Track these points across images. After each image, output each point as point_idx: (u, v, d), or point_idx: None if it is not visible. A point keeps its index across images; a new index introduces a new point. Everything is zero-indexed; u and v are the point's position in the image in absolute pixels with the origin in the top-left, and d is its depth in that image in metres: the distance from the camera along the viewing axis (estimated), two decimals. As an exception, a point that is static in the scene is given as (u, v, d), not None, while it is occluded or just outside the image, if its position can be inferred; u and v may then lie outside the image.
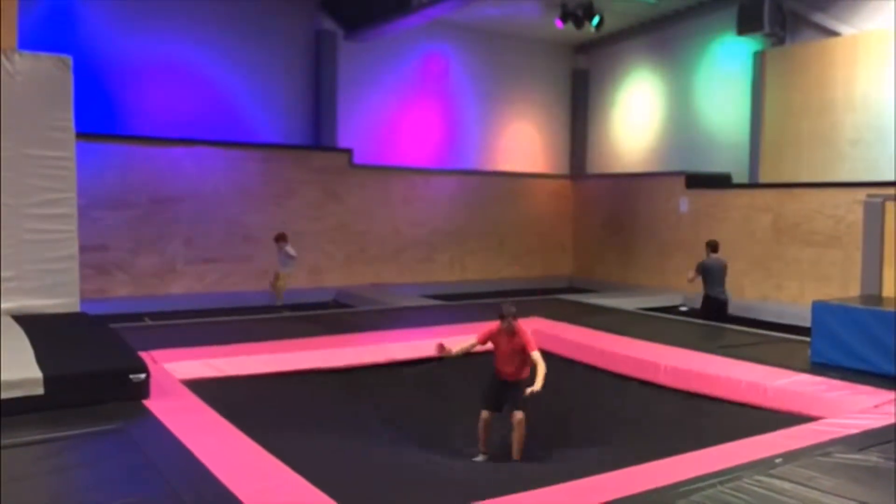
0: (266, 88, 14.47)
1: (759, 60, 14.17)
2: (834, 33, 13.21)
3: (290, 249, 11.06)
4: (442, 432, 5.45)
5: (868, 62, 12.54)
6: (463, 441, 5.33)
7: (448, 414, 6.10)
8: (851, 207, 11.73)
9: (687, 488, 3.80)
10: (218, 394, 5.82)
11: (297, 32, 14.83)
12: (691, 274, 9.95)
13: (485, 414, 5.60)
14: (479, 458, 5.48)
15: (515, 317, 5.73)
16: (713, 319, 9.51)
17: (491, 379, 5.80)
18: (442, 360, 5.78)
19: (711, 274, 9.72)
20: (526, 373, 5.74)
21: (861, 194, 9.35)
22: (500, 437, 5.65)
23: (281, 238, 11.13)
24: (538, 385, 5.35)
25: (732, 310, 13.05)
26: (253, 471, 3.99)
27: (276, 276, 11.17)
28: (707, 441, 4.75)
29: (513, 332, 5.65)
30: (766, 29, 13.51)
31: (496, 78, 17.22)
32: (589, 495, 3.74)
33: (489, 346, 5.90)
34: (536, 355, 5.64)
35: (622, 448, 5.03)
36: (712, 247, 10.02)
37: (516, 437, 5.38)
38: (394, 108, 15.99)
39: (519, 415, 5.43)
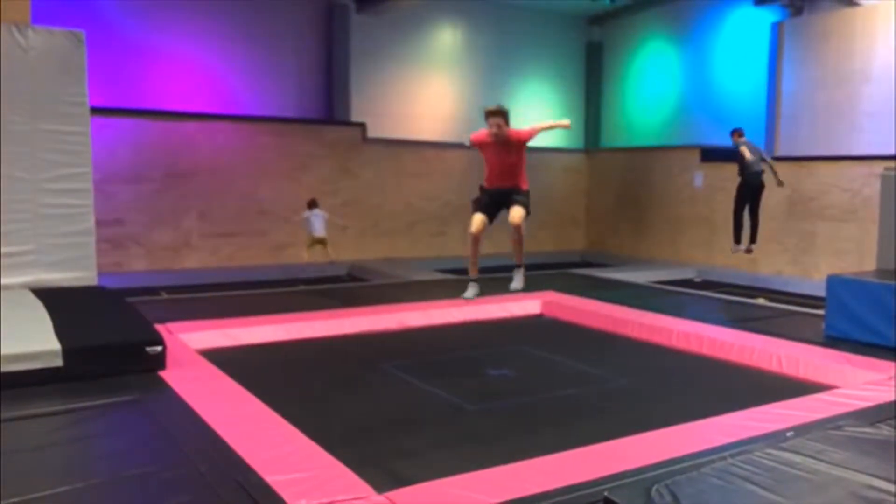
0: (279, 63, 14.45)
1: (777, 31, 13.98)
2: (853, 3, 12.99)
3: (322, 213, 11.11)
4: (457, 392, 5.50)
5: (888, 33, 12.35)
6: (475, 401, 5.38)
7: (462, 374, 6.15)
8: (868, 181, 11.63)
9: (697, 461, 3.83)
10: (234, 362, 5.90)
11: (310, 6, 14.76)
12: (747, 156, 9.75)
13: (477, 221, 4.60)
14: (470, 290, 4.60)
15: (500, 116, 4.70)
16: (751, 197, 9.51)
17: (482, 194, 4.92)
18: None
19: (751, 150, 9.66)
20: (518, 181, 4.85)
21: (878, 167, 9.25)
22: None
23: (313, 204, 11.18)
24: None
25: (747, 283, 13.07)
26: (268, 439, 4.05)
27: (320, 242, 11.19)
28: (717, 410, 4.77)
29: (504, 142, 4.73)
30: (785, -1, 13.33)
31: (509, 51, 17.09)
32: (594, 465, 3.77)
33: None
34: (532, 129, 4.69)
35: (628, 415, 5.06)
36: (739, 133, 9.96)
37: (516, 242, 4.55)
38: (407, 81, 15.92)
39: (516, 215, 4.55)
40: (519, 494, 3.41)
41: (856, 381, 5.61)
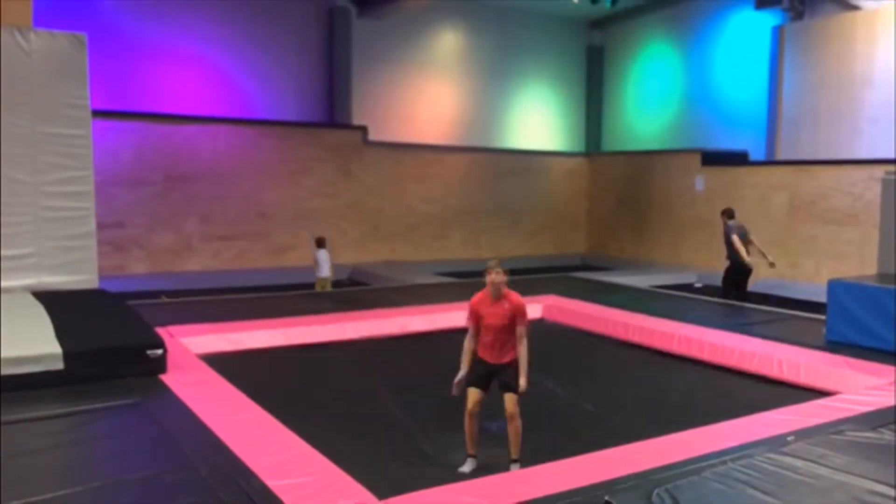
0: (280, 66, 14.46)
1: (778, 36, 13.99)
2: (854, 7, 13.01)
3: (322, 255, 11.04)
4: (456, 398, 5.50)
5: (888, 37, 12.36)
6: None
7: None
8: (869, 185, 11.62)
9: (699, 465, 3.82)
10: (234, 367, 5.89)
11: (311, 10, 14.78)
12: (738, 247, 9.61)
13: (472, 397, 4.68)
14: (467, 465, 4.53)
15: (501, 273, 4.79)
16: (735, 286, 9.47)
17: (475, 362, 4.88)
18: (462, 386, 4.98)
19: (738, 234, 9.63)
20: (513, 355, 4.87)
21: (879, 171, 9.25)
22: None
23: (322, 243, 11.14)
24: (524, 379, 4.64)
25: (748, 287, 13.05)
26: (267, 443, 4.05)
27: (325, 282, 11.19)
28: (720, 415, 4.77)
29: (500, 296, 4.77)
30: (785, 3, 13.35)
31: (510, 54, 17.11)
32: (595, 470, 3.76)
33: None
34: (524, 331, 4.85)
35: (629, 420, 5.06)
36: (728, 214, 9.91)
37: (512, 433, 4.52)
38: (408, 85, 15.94)
39: (511, 406, 4.61)
40: (521, 499, 3.41)
41: (857, 386, 5.60)
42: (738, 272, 9.64)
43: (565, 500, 3.42)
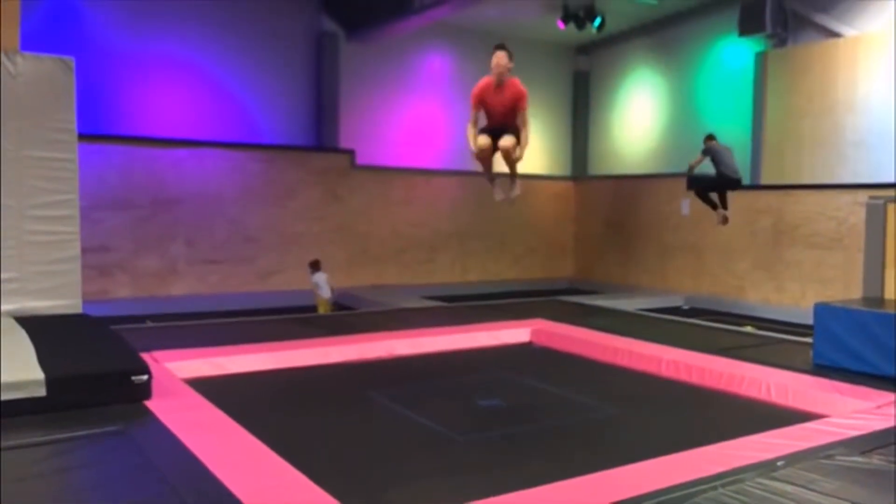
0: (268, 89, 14.49)
1: (761, 61, 14.17)
2: (836, 34, 13.21)
3: (319, 279, 11.02)
4: (445, 424, 5.46)
5: (870, 64, 12.54)
6: (465, 431, 5.34)
7: (452, 404, 6.11)
8: (853, 209, 11.73)
9: (687, 491, 3.80)
10: (221, 391, 5.82)
11: (299, 33, 14.85)
12: (693, 161, 9.93)
13: (482, 140, 5.38)
14: (497, 192, 5.33)
15: (506, 52, 5.38)
16: (723, 190, 9.59)
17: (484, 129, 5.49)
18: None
19: (720, 155, 9.70)
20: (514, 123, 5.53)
21: (863, 196, 9.35)
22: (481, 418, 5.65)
23: (317, 266, 11.14)
24: (520, 149, 5.13)
25: (734, 310, 13.13)
26: (255, 470, 3.99)
27: (322, 307, 11.18)
28: (708, 438, 4.75)
29: (502, 84, 5.36)
30: (768, 30, 13.51)
31: (498, 79, 17.21)
32: (583, 496, 3.73)
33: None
34: (525, 116, 5.47)
35: (618, 444, 5.03)
36: (711, 136, 10.05)
37: (510, 163, 5.34)
38: (395, 109, 16.00)
39: (509, 142, 5.28)
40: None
41: (845, 410, 5.61)
42: (725, 180, 9.71)
43: (555, 528, 3.39)
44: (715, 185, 9.92)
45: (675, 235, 15.12)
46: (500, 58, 5.14)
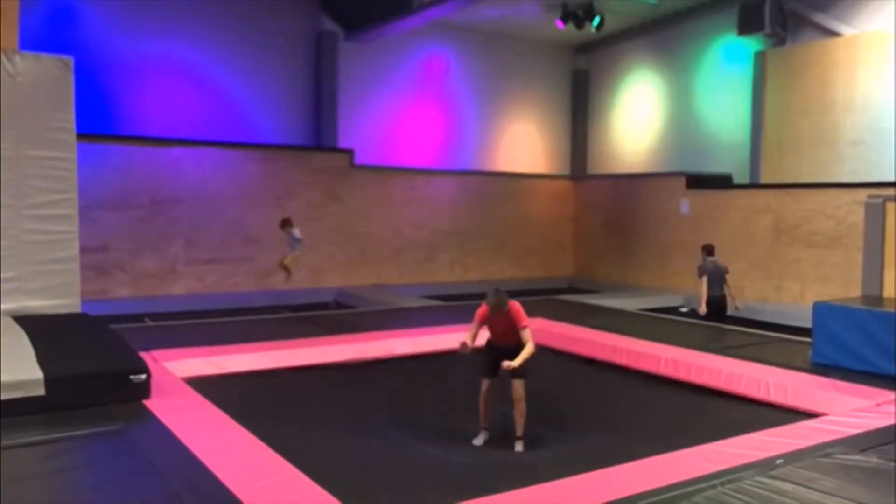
0: (267, 89, 14.48)
1: (760, 61, 14.17)
2: (834, 34, 13.20)
3: (296, 232, 11.02)
4: (443, 424, 5.46)
5: (868, 63, 12.54)
6: (462, 432, 5.34)
7: (448, 406, 6.11)
8: (852, 208, 11.73)
9: (687, 489, 3.80)
10: (220, 391, 5.83)
11: (298, 33, 14.83)
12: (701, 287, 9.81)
13: (484, 384, 5.56)
14: (480, 438, 5.43)
15: (500, 304, 5.57)
16: (713, 319, 9.54)
17: (487, 349, 5.74)
18: (459, 355, 5.63)
19: (710, 276, 9.71)
20: (518, 341, 5.65)
21: (862, 195, 9.35)
22: (501, 414, 5.64)
23: (287, 223, 11.07)
24: (517, 362, 5.30)
25: (733, 310, 13.10)
26: (254, 469, 3.99)
27: (284, 257, 11.10)
28: (709, 437, 4.75)
29: (503, 315, 5.55)
30: (767, 29, 13.50)
31: (497, 78, 17.22)
32: (585, 495, 3.73)
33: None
34: (527, 333, 5.54)
35: (621, 444, 5.03)
36: (708, 250, 10.01)
37: (518, 414, 5.34)
38: (394, 108, 15.99)
39: (518, 389, 5.39)
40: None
41: (844, 409, 5.61)
42: (714, 310, 9.71)
43: (554, 526, 3.39)
44: (708, 313, 9.82)
45: (674, 234, 15.11)
46: (493, 305, 5.58)
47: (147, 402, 5.24)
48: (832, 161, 13.00)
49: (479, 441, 5.44)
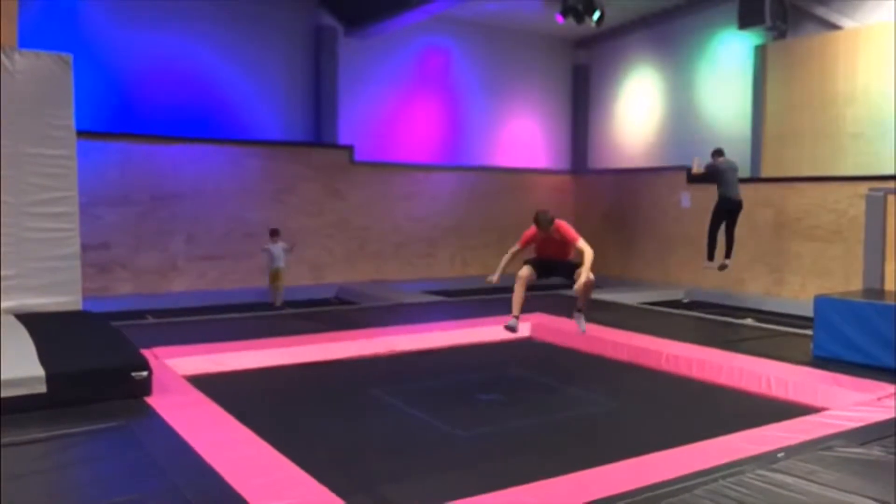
0: (266, 85, 14.46)
1: (761, 54, 14.14)
2: (835, 27, 13.17)
3: (283, 244, 11.12)
4: (446, 420, 5.47)
5: (869, 56, 12.51)
6: (463, 428, 5.35)
7: (450, 400, 6.11)
8: (853, 201, 11.72)
9: (689, 483, 3.81)
10: (221, 388, 5.84)
11: (297, 29, 14.81)
12: (696, 167, 9.82)
13: (526, 270, 5.81)
14: (512, 322, 5.84)
15: (548, 220, 5.83)
16: (726, 219, 9.53)
17: (536, 260, 6.01)
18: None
19: (724, 175, 9.63)
20: (571, 254, 6.06)
21: (863, 188, 9.33)
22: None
23: (275, 234, 11.21)
24: (585, 273, 5.62)
25: (734, 303, 13.12)
26: (256, 466, 4.00)
27: (276, 276, 11.24)
28: (710, 431, 4.76)
29: (552, 233, 5.91)
30: (768, 22, 13.47)
31: (497, 73, 17.19)
32: (585, 490, 3.74)
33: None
34: (582, 243, 5.87)
35: (620, 438, 5.04)
36: (719, 152, 9.96)
37: (583, 288, 5.68)
38: (394, 104, 15.97)
39: (579, 271, 5.68)
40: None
41: (845, 402, 5.62)
42: (727, 207, 9.65)
43: (556, 521, 3.40)
44: (720, 212, 9.81)
45: (675, 228, 15.10)
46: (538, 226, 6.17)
47: (148, 399, 5.24)
48: (833, 154, 12.98)
49: (512, 325, 5.87)
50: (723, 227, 10.07)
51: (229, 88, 14.09)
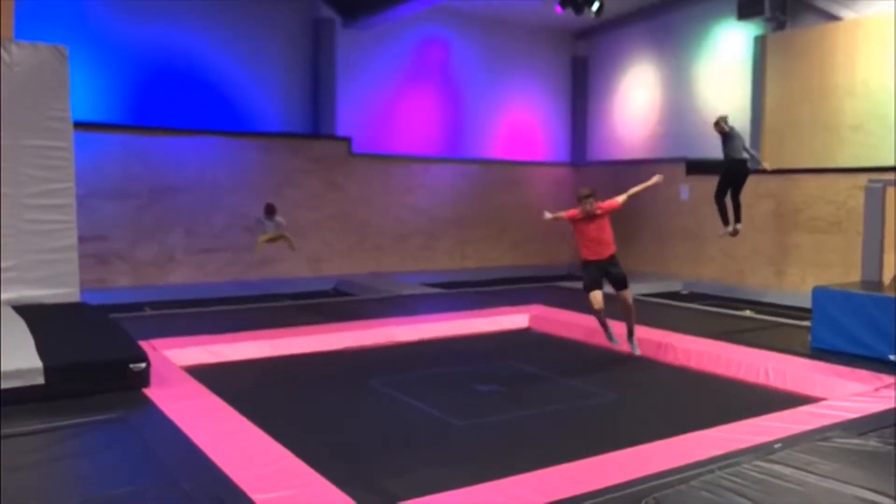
0: (264, 77, 14.42)
1: (760, 45, 14.10)
2: (835, 18, 13.13)
3: (280, 219, 10.95)
4: (446, 411, 5.47)
5: (869, 47, 12.47)
6: (464, 421, 5.35)
7: (450, 392, 6.12)
8: (852, 193, 11.71)
9: (686, 474, 3.81)
10: (219, 379, 5.84)
11: (295, 20, 14.76)
12: (721, 123, 9.70)
13: (595, 299, 6.47)
14: (614, 340, 6.78)
15: (592, 196, 6.27)
16: (734, 183, 9.56)
17: (584, 267, 6.67)
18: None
19: (732, 138, 9.62)
20: (612, 249, 6.77)
21: (862, 180, 9.31)
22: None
23: (271, 210, 10.99)
24: (625, 195, 6.49)
25: (733, 295, 13.12)
26: (253, 457, 4.00)
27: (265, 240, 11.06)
28: (707, 422, 4.77)
29: (593, 216, 6.33)
30: (767, 13, 13.42)
31: (496, 65, 17.14)
32: (582, 480, 3.74)
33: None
34: (621, 198, 6.65)
35: (618, 429, 5.04)
36: (724, 119, 9.91)
37: (627, 316, 6.34)
38: (393, 95, 15.93)
39: (628, 299, 6.41)
40: (507, 510, 3.38)
41: (843, 393, 5.63)
42: (732, 173, 9.67)
43: (553, 511, 3.40)
44: (726, 177, 9.78)
45: (674, 220, 15.10)
46: (589, 204, 6.88)
47: (146, 391, 5.25)
48: (832, 146, 12.96)
49: (615, 341, 6.81)
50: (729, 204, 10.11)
51: (227, 80, 14.05)
